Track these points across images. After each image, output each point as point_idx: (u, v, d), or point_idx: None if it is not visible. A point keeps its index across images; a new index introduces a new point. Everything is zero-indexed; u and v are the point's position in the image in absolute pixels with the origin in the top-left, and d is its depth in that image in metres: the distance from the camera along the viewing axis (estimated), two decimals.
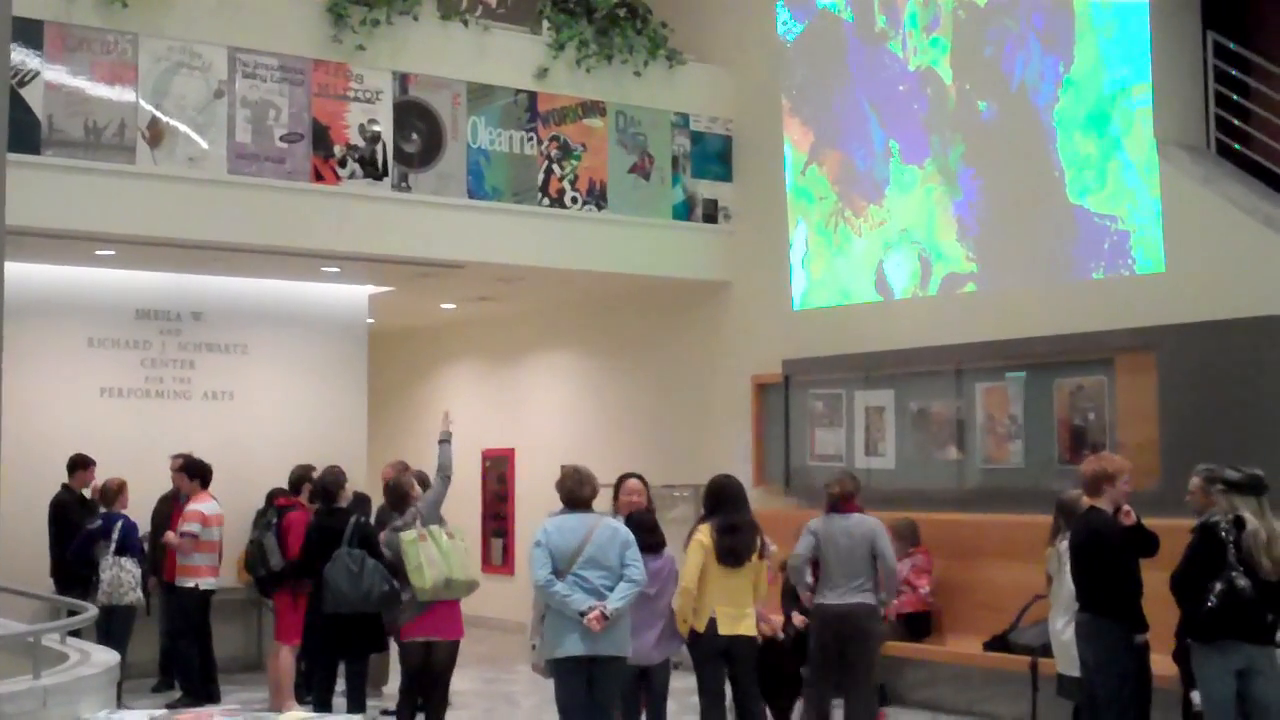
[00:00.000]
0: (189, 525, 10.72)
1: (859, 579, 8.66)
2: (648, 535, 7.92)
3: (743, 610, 8.03)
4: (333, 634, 9.16)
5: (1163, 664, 8.01)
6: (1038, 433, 10.86)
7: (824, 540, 8.74)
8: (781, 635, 9.03)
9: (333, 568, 9.05)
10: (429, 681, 8.70)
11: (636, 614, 7.61)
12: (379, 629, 9.08)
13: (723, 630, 7.91)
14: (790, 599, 11.18)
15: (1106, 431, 10.38)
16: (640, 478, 8.56)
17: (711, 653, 7.99)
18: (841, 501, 8.90)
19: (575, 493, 7.47)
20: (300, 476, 10.67)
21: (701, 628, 7.92)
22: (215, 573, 10.93)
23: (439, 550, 8.47)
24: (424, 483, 10.00)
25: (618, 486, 8.51)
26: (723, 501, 8.14)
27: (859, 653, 8.69)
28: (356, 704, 9.12)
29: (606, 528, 7.36)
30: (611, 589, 7.22)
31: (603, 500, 8.03)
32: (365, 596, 8.89)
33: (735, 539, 7.99)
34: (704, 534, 7.98)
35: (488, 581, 15.56)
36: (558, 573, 7.19)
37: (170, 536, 10.83)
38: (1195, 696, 7.41)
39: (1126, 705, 7.43)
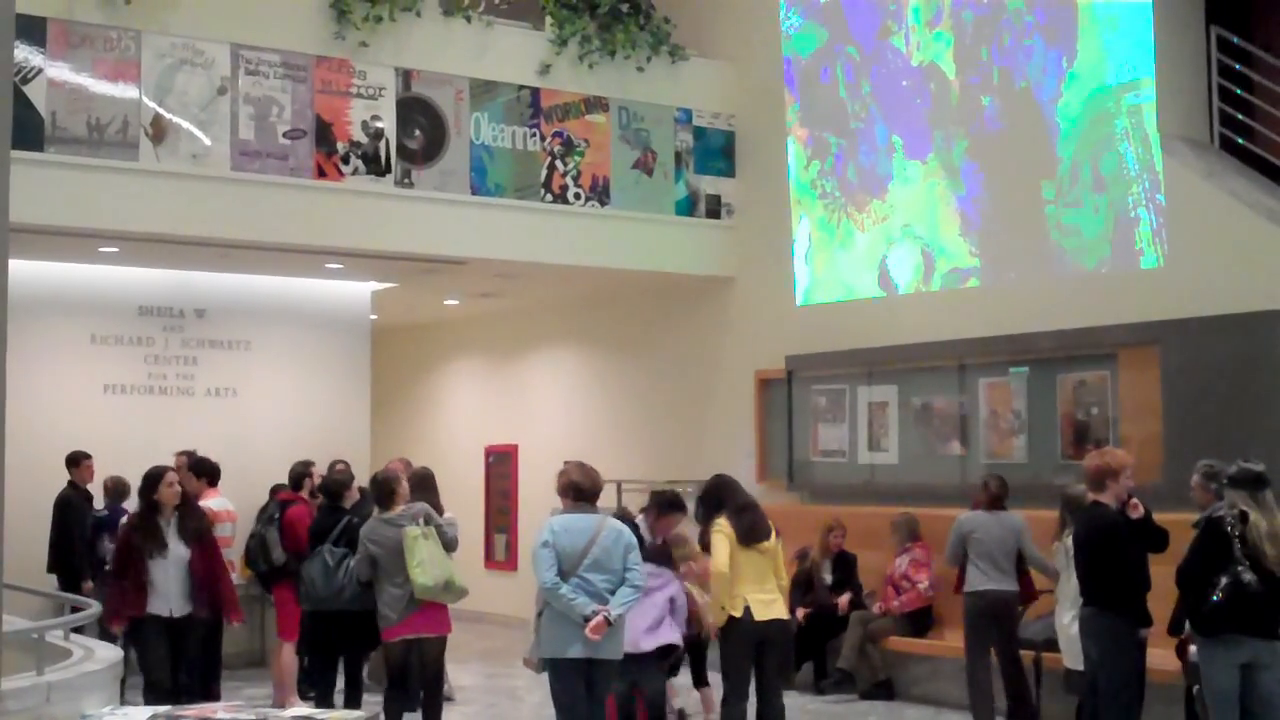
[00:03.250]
0: None
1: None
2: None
3: (772, 594, 8.05)
4: (323, 630, 9.18)
5: (1167, 659, 8.02)
6: (1041, 428, 10.86)
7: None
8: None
9: (310, 563, 9.11)
10: (424, 679, 8.66)
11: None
12: (372, 625, 9.04)
13: (758, 616, 7.91)
14: (800, 591, 11.20)
15: (1109, 426, 10.37)
16: (685, 512, 8.83)
17: (747, 640, 7.96)
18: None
19: (582, 487, 7.37)
20: (300, 473, 10.66)
21: (739, 613, 7.91)
22: (230, 569, 10.91)
23: (438, 552, 8.46)
24: (426, 480, 10.01)
25: (663, 509, 8.54)
26: (726, 491, 8.17)
27: None
28: (354, 700, 9.12)
29: (611, 530, 7.27)
30: (613, 592, 7.14)
31: (604, 496, 8.01)
32: (338, 593, 8.90)
33: (750, 517, 8.03)
34: (723, 525, 7.98)
35: (491, 578, 15.63)
36: (562, 574, 7.11)
37: None
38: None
39: (1131, 699, 7.43)
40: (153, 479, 8.59)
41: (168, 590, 8.41)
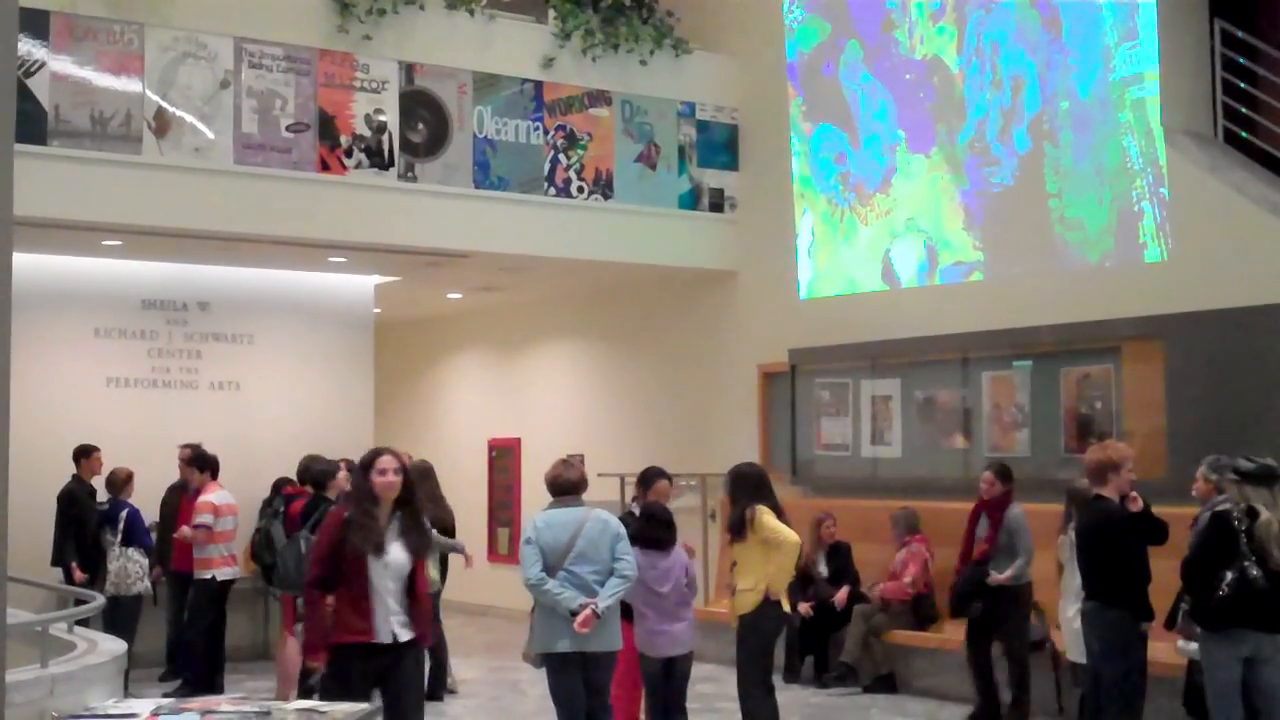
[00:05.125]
0: (201, 517, 10.72)
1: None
2: (663, 530, 7.89)
3: None
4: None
5: (1169, 651, 8.01)
6: (1044, 421, 10.85)
7: None
8: None
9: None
10: None
11: (654, 613, 7.67)
12: None
13: (785, 608, 8.09)
14: (800, 585, 11.20)
15: (1113, 420, 10.37)
16: (669, 478, 8.61)
17: (779, 629, 8.17)
18: None
19: (554, 482, 7.35)
20: (307, 467, 10.68)
21: (786, 606, 8.10)
22: (232, 562, 10.94)
23: None
24: (426, 473, 10.06)
25: (647, 482, 8.49)
26: (768, 486, 8.18)
27: None
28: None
29: (597, 521, 7.22)
30: (602, 583, 7.10)
31: (597, 490, 8.00)
32: None
33: (784, 519, 8.10)
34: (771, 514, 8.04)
35: (494, 571, 15.63)
36: (549, 569, 7.09)
37: (184, 531, 10.83)
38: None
39: (1132, 693, 7.43)
40: (364, 464, 6.48)
41: (389, 608, 6.28)
